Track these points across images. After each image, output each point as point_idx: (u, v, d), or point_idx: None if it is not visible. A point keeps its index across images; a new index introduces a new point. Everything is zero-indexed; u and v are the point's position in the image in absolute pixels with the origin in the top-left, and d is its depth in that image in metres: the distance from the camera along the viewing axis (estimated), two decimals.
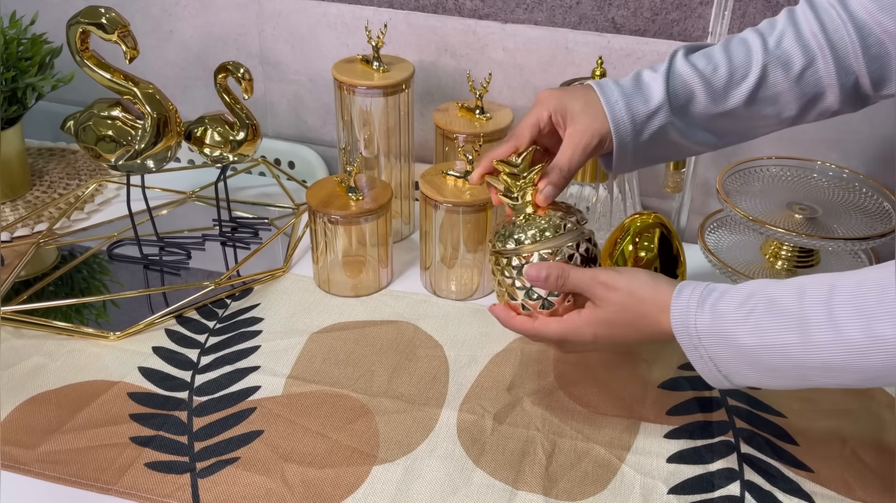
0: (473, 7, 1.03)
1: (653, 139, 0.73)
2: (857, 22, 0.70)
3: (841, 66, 0.70)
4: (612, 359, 0.84)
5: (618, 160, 0.74)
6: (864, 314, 0.55)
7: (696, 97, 0.73)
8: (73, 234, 1.03)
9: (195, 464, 0.71)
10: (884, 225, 0.88)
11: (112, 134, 0.89)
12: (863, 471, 0.72)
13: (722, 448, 0.73)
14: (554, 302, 0.70)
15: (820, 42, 0.70)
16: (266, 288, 0.94)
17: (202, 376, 0.81)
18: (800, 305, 0.58)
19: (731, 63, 0.72)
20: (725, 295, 0.62)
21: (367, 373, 0.81)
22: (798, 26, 0.72)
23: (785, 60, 0.71)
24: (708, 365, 0.63)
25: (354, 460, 0.71)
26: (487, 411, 0.76)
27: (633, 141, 0.73)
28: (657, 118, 0.72)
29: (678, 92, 0.73)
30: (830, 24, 0.70)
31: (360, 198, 0.89)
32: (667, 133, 0.73)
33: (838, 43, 0.70)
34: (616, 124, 0.72)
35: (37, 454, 0.71)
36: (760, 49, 0.72)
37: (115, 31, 0.84)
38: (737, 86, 0.72)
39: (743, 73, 0.72)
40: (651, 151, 0.75)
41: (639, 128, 0.73)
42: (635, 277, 0.67)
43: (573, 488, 0.69)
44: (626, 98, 0.72)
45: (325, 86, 1.13)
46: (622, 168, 0.76)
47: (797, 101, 0.73)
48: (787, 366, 0.59)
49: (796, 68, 0.71)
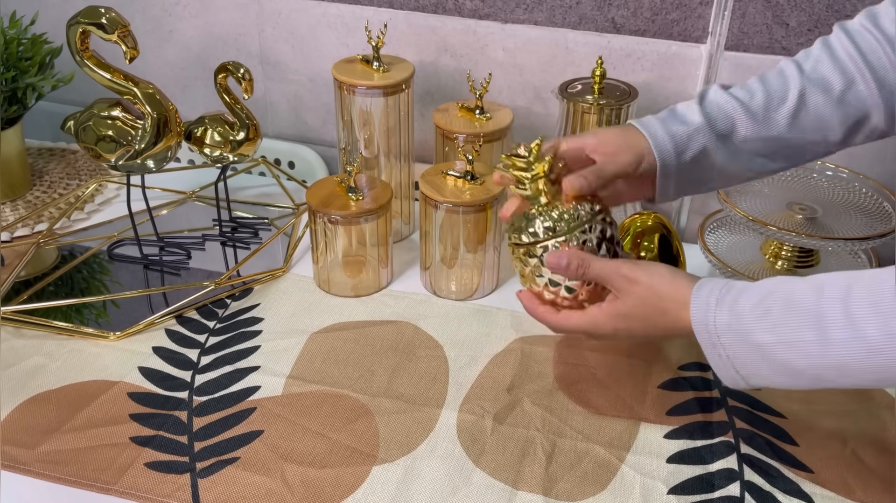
0: (473, 7, 1.03)
1: (696, 162, 0.74)
2: (892, 41, 0.70)
3: (882, 85, 0.71)
4: (613, 360, 0.84)
5: (661, 181, 0.74)
6: (881, 312, 0.55)
7: (736, 123, 0.73)
8: (73, 234, 1.03)
9: (195, 464, 0.71)
10: (884, 225, 0.88)
11: (112, 134, 0.89)
12: (863, 471, 0.72)
13: (722, 448, 0.73)
14: (575, 287, 0.71)
15: (858, 64, 0.71)
16: (266, 288, 0.94)
17: (202, 376, 0.81)
18: (817, 303, 0.58)
19: (767, 90, 0.73)
20: (744, 292, 0.62)
21: (367, 374, 0.81)
22: (833, 51, 0.72)
23: (824, 84, 0.72)
24: (726, 364, 0.63)
25: (354, 460, 0.71)
26: (487, 411, 0.76)
27: (676, 161, 0.73)
28: (698, 139, 0.73)
29: (715, 115, 0.74)
30: (866, 46, 0.71)
31: (360, 198, 0.89)
32: (710, 156, 0.74)
33: (876, 63, 0.70)
34: (655, 141, 0.73)
35: (37, 454, 0.71)
36: (797, 75, 0.73)
37: (115, 31, 0.84)
38: (776, 109, 0.73)
39: (781, 97, 0.73)
40: (696, 174, 0.75)
41: (680, 147, 0.73)
42: (655, 271, 0.67)
43: (573, 488, 0.69)
44: (663, 123, 0.74)
45: (325, 86, 1.13)
46: (666, 192, 0.75)
47: (842, 124, 0.73)
48: (804, 364, 0.59)
49: (836, 91, 0.72)
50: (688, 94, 1.00)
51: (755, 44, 0.96)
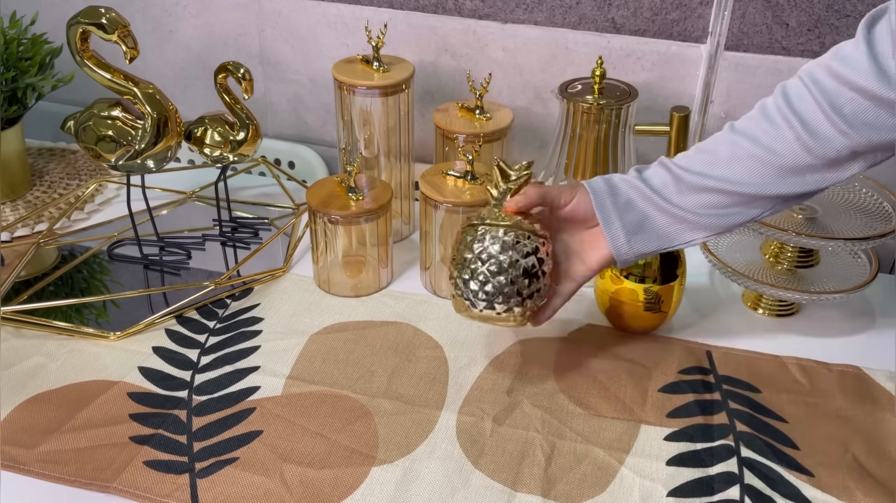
0: (473, 7, 1.03)
1: (630, 202, 0.75)
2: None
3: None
4: (613, 363, 0.84)
5: (601, 214, 0.75)
6: None
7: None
8: (73, 234, 1.03)
9: (194, 464, 0.71)
10: (884, 225, 0.88)
11: (112, 134, 0.89)
12: (864, 476, 0.71)
13: (722, 451, 0.73)
14: None
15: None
16: (266, 288, 0.94)
17: (202, 375, 0.81)
18: None
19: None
20: None
21: (366, 374, 0.81)
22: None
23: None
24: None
25: (353, 461, 0.71)
26: (487, 413, 0.76)
27: (610, 192, 0.75)
28: (630, 180, 0.75)
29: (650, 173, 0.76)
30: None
31: (360, 198, 0.89)
32: (648, 196, 0.75)
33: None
34: (590, 183, 0.76)
35: (37, 454, 0.71)
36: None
37: (115, 31, 0.84)
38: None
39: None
40: (636, 213, 0.75)
41: (614, 185, 0.75)
42: None
43: (572, 490, 0.69)
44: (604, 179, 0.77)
45: (325, 86, 1.13)
46: (612, 231, 0.75)
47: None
48: None
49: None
50: (688, 93, 1.00)
51: (755, 44, 0.96)
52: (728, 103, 0.99)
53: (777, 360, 0.84)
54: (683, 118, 0.92)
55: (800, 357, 0.85)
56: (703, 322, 0.90)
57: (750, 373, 0.83)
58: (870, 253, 0.94)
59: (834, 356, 0.85)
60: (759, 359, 0.85)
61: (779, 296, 0.88)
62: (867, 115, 0.65)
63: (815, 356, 0.85)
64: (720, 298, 0.95)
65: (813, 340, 0.88)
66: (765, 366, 0.84)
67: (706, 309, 0.93)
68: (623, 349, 0.85)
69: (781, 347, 0.86)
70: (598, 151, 0.92)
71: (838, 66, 0.66)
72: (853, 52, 0.66)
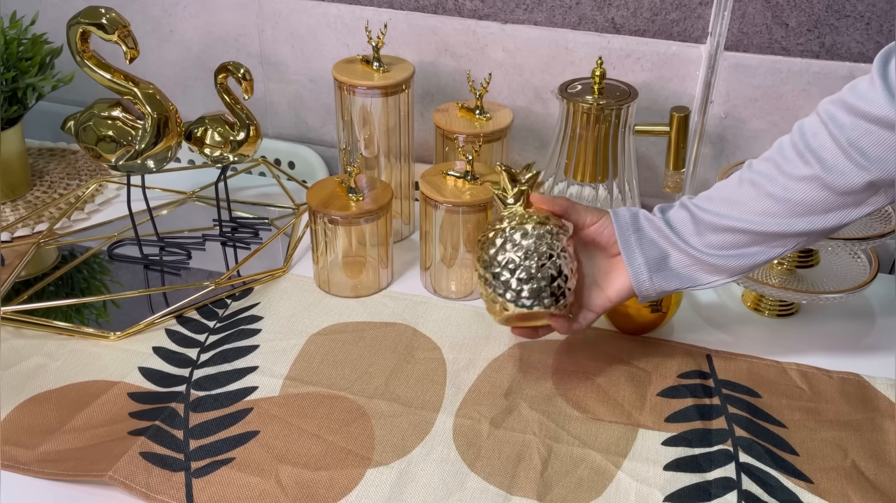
0: (473, 7, 1.03)
1: (656, 227, 0.76)
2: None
3: None
4: (612, 367, 0.83)
5: (622, 238, 0.76)
6: None
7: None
8: (73, 233, 1.03)
9: (190, 463, 0.71)
10: (884, 225, 0.88)
11: (112, 134, 0.89)
12: (863, 483, 0.71)
13: (720, 456, 0.73)
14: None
15: None
16: (266, 288, 0.94)
17: (200, 371, 0.81)
18: None
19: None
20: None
21: (364, 375, 0.81)
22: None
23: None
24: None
25: (349, 462, 0.71)
26: (484, 416, 0.76)
27: (632, 221, 0.76)
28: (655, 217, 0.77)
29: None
30: None
31: (360, 198, 0.89)
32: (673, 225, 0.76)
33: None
34: (614, 211, 0.77)
35: (37, 454, 0.72)
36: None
37: (115, 31, 0.84)
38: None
39: None
40: (661, 245, 0.76)
41: (636, 215, 0.77)
42: None
43: (568, 494, 0.69)
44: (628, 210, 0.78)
45: (325, 86, 1.13)
46: (633, 260, 0.76)
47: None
48: None
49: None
50: (688, 94, 1.00)
51: (755, 44, 0.96)
52: (728, 103, 0.99)
53: (777, 366, 0.84)
54: (683, 118, 0.92)
55: (800, 363, 0.84)
56: (703, 323, 0.90)
57: (750, 377, 0.82)
58: (869, 253, 0.93)
59: (834, 358, 0.85)
60: (759, 363, 0.84)
61: (779, 297, 0.88)
62: (884, 146, 0.65)
63: (814, 358, 0.85)
64: (720, 298, 0.95)
65: (813, 341, 0.88)
66: (765, 371, 0.83)
67: (706, 309, 0.93)
68: (623, 352, 0.85)
69: (781, 348, 0.86)
70: (597, 151, 0.92)
71: (854, 100, 0.66)
72: (869, 87, 0.66)
